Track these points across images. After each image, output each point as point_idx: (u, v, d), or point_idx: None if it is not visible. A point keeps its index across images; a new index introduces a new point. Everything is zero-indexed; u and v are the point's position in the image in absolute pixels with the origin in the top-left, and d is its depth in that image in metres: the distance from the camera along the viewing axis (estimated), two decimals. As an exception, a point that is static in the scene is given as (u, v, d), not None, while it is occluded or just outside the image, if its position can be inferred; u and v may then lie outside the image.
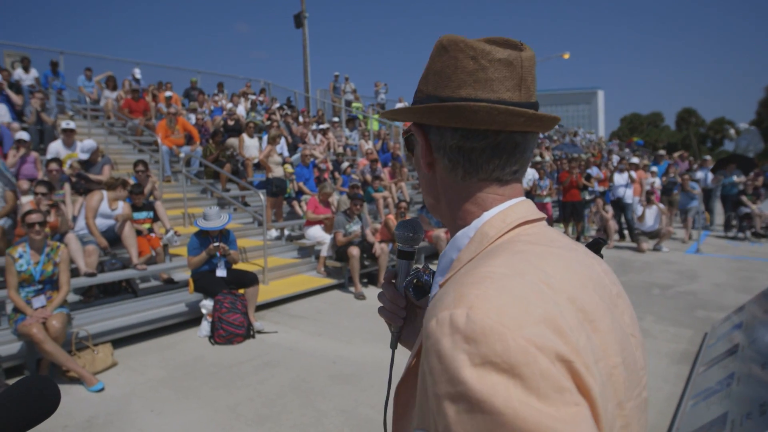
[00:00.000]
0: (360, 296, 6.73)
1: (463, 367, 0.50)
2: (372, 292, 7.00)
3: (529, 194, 11.44)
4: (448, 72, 0.69)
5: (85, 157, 7.35)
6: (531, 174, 11.73)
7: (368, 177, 10.45)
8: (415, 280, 0.84)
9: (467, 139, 0.70)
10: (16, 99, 9.20)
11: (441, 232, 8.69)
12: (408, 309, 0.91)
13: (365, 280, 7.41)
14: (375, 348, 4.82)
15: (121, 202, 5.92)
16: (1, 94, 8.86)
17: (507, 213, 0.70)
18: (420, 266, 0.89)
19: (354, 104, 18.49)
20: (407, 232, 0.93)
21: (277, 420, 3.49)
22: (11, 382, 3.66)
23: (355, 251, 6.86)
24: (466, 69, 0.68)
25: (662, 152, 16.99)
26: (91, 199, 5.74)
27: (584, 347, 0.53)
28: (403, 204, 8.03)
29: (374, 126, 16.49)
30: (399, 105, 19.36)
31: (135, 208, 6.30)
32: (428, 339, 0.55)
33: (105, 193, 5.86)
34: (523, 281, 0.56)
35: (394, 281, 0.92)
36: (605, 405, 0.53)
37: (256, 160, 9.91)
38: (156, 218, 6.57)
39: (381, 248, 7.17)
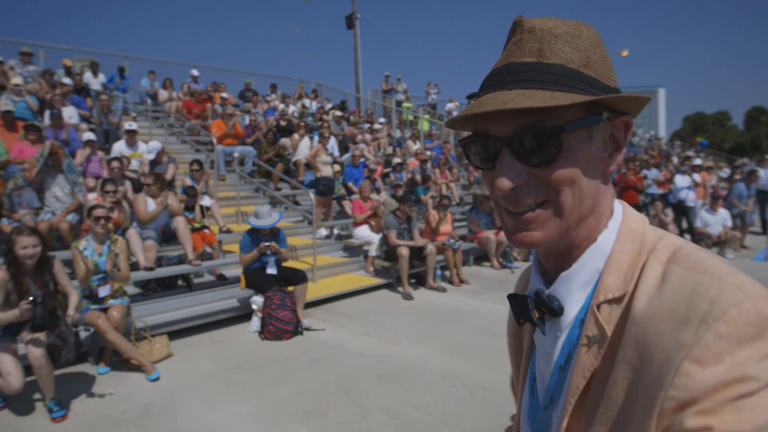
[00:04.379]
0: (408, 297, 6.72)
1: None
2: (420, 293, 6.98)
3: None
4: (608, 62, 0.67)
5: (151, 156, 7.75)
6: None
7: (418, 177, 10.43)
8: (536, 312, 0.71)
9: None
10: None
11: (491, 234, 8.56)
12: None
13: (413, 281, 7.39)
14: (421, 349, 4.80)
15: (170, 196, 6.12)
16: (73, 98, 9.38)
17: (628, 209, 0.70)
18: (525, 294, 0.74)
19: (404, 104, 18.50)
20: None
21: (323, 416, 3.53)
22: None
23: (404, 251, 6.85)
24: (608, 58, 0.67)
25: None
26: (136, 203, 5.97)
27: None
28: (445, 200, 7.97)
29: (425, 126, 16.44)
30: (450, 105, 19.23)
31: (187, 207, 6.54)
32: (726, 327, 0.52)
33: (144, 194, 6.09)
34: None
35: None
36: None
37: (304, 160, 10.08)
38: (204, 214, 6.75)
39: (430, 249, 7.14)
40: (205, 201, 6.88)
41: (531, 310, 0.71)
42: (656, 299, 0.58)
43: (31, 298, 3.45)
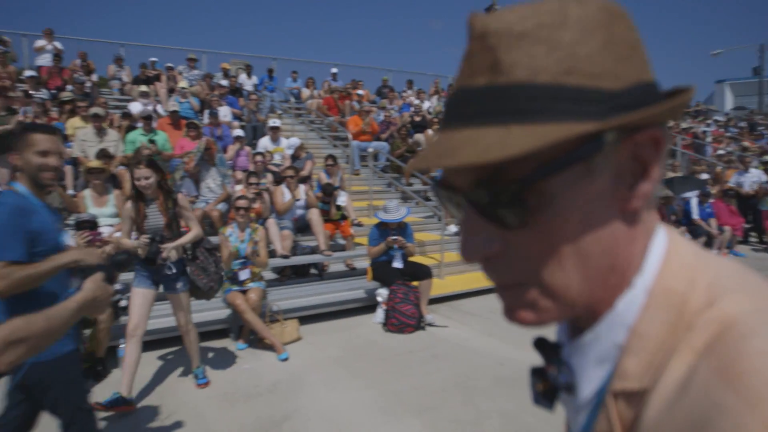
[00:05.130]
0: (536, 298, 6.41)
1: None
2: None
3: (754, 198, 9.72)
4: (619, 49, 0.43)
5: (290, 152, 8.32)
6: (757, 175, 9.93)
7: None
8: (539, 385, 0.53)
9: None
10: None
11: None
12: None
13: (543, 282, 7.05)
14: (547, 354, 4.55)
15: (302, 188, 6.49)
16: (228, 98, 10.37)
17: (673, 255, 0.46)
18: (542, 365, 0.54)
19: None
20: None
21: (437, 412, 3.50)
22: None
23: (533, 251, 6.55)
24: (639, 41, 0.45)
25: None
26: (275, 195, 6.40)
27: None
28: None
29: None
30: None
31: (323, 201, 6.89)
32: None
33: (283, 186, 6.49)
34: None
35: None
36: None
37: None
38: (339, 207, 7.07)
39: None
40: (341, 200, 7.19)
41: (532, 384, 0.53)
42: (666, 416, 0.38)
43: (149, 236, 3.60)
